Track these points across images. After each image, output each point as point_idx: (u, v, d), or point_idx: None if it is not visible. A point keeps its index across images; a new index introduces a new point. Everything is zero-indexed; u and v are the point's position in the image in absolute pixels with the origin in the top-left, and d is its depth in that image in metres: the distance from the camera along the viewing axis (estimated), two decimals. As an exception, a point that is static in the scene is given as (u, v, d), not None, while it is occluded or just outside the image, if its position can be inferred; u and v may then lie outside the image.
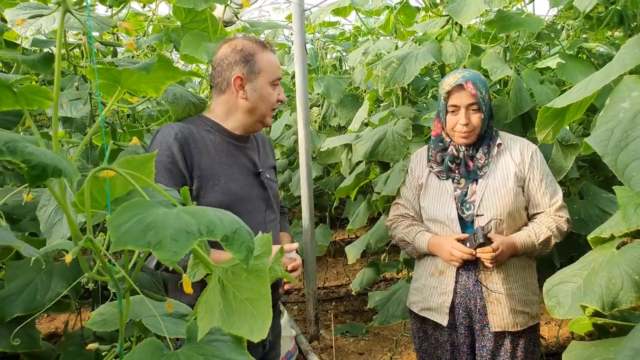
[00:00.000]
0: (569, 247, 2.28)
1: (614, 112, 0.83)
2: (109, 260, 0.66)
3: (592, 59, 2.24)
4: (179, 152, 1.54)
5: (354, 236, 4.96)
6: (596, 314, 1.14)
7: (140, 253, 0.69)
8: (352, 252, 2.93)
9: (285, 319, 3.02)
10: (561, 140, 2.00)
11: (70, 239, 1.22)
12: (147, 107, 2.45)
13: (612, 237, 1.16)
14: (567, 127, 2.17)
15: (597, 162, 2.38)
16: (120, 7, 1.81)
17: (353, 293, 3.16)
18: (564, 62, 2.09)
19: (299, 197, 3.47)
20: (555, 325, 3.49)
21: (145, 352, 0.58)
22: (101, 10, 1.95)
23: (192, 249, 0.56)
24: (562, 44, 2.29)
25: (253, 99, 1.65)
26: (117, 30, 1.91)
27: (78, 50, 1.90)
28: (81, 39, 1.63)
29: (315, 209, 3.69)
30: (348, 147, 2.86)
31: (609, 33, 2.68)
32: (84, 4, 0.80)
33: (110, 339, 1.25)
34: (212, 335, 0.60)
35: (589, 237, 1.22)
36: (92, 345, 0.68)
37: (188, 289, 0.61)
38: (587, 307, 1.10)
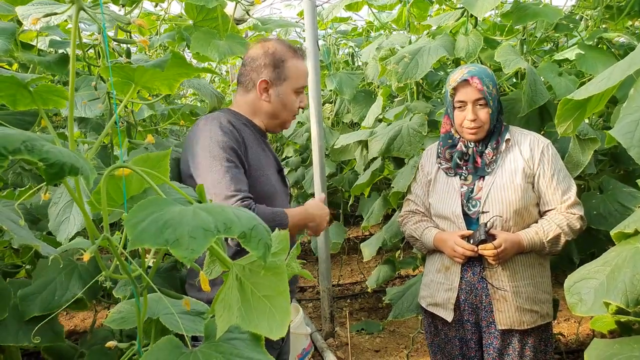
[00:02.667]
0: (589, 243, 2.24)
1: (638, 103, 0.81)
2: (126, 259, 0.66)
3: (612, 50, 2.18)
4: (235, 141, 1.56)
5: (368, 233, 4.94)
6: (620, 311, 1.11)
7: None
8: (368, 249, 2.92)
9: (300, 316, 3.02)
10: (579, 134, 1.96)
11: (75, 236, 1.23)
12: (160, 106, 2.46)
13: (637, 232, 1.13)
14: (586, 120, 2.13)
15: (617, 155, 2.32)
16: (133, 6, 1.82)
17: (369, 290, 3.14)
18: (583, 53, 2.04)
19: (313, 194, 3.46)
20: (575, 322, 3.45)
21: (163, 350, 0.58)
22: (114, 9, 1.95)
23: (209, 247, 0.56)
24: (581, 35, 2.24)
25: (275, 104, 1.67)
26: (130, 29, 1.91)
27: (92, 51, 1.91)
28: (96, 39, 1.64)
29: (329, 206, 3.68)
30: (362, 143, 2.84)
31: (630, 23, 2.62)
32: (98, 2, 0.80)
33: (134, 336, 1.26)
34: (230, 334, 0.59)
35: (612, 233, 1.20)
36: (111, 343, 0.68)
37: (206, 287, 0.60)
38: (610, 304, 1.07)
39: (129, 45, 1.71)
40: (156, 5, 2.37)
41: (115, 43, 1.65)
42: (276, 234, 0.66)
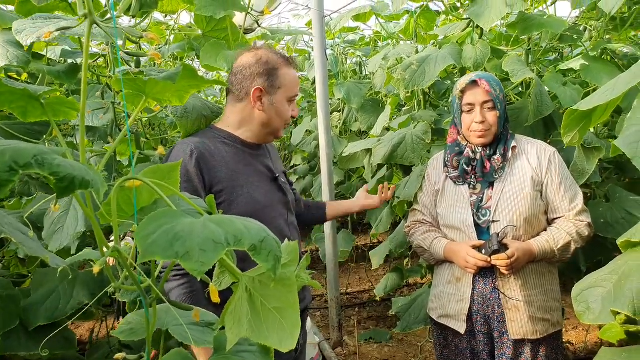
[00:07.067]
0: (596, 251, 2.24)
1: (643, 114, 0.81)
2: (135, 269, 0.67)
3: (616, 60, 2.20)
4: (195, 170, 1.52)
5: (376, 241, 4.93)
6: (628, 320, 1.10)
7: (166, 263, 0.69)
8: (376, 257, 2.92)
9: (308, 325, 3.02)
10: (583, 143, 1.96)
11: (66, 247, 1.24)
12: (168, 116, 2.49)
13: (643, 241, 1.13)
14: (591, 130, 2.13)
15: (623, 164, 2.33)
16: (144, 17, 1.84)
17: (377, 299, 3.14)
18: (587, 63, 2.05)
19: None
20: (583, 330, 3.42)
21: (173, 361, 0.58)
22: (124, 20, 1.98)
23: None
24: (585, 46, 2.25)
25: (269, 112, 1.65)
26: (140, 40, 1.94)
27: (102, 60, 1.93)
28: (104, 49, 1.66)
29: (337, 214, 3.67)
30: (370, 152, 2.85)
31: (633, 33, 2.63)
32: (109, 15, 0.81)
33: (138, 347, 1.26)
34: (240, 346, 0.59)
35: (618, 241, 1.19)
36: (120, 355, 0.68)
37: (215, 298, 0.61)
38: (618, 312, 1.07)
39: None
40: (166, 16, 2.39)
41: (125, 53, 1.67)
42: (286, 245, 0.66)
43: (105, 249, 0.64)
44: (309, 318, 3.16)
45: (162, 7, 2.05)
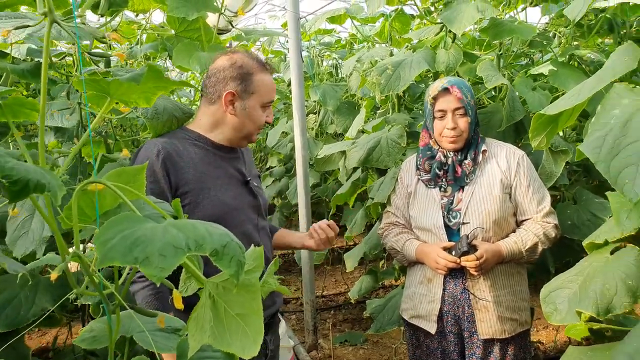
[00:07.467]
0: (564, 252, 2.29)
1: (605, 120, 0.83)
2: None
3: (583, 66, 2.25)
4: (161, 170, 1.50)
5: (352, 243, 4.93)
6: (592, 319, 1.13)
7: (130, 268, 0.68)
8: (350, 260, 2.92)
9: (283, 329, 3.00)
10: (551, 146, 2.01)
11: (31, 253, 1.19)
12: (139, 117, 2.44)
13: (607, 243, 1.16)
14: (560, 133, 2.18)
15: (590, 168, 2.38)
16: (113, 16, 1.80)
17: (352, 301, 3.14)
18: (555, 69, 2.10)
19: (297, 204, 3.46)
20: (553, 330, 3.49)
21: (134, 370, 0.57)
22: (93, 18, 1.94)
23: (183, 263, 0.55)
24: (554, 51, 2.31)
25: (241, 117, 1.62)
26: (110, 40, 1.90)
27: (70, 58, 1.89)
28: (71, 48, 1.62)
29: (313, 216, 3.67)
30: (345, 154, 2.86)
31: (599, 40, 2.71)
32: (72, 14, 0.79)
33: (104, 354, 1.23)
34: (204, 352, 0.58)
35: (584, 243, 1.22)
36: (81, 363, 0.67)
37: (179, 304, 0.60)
38: (583, 312, 1.09)
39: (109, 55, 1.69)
40: (137, 15, 2.35)
41: (88, 53, 1.63)
42: (251, 250, 0.65)
43: (66, 255, 0.62)
44: (283, 321, 3.14)
45: (132, 5, 2.01)
